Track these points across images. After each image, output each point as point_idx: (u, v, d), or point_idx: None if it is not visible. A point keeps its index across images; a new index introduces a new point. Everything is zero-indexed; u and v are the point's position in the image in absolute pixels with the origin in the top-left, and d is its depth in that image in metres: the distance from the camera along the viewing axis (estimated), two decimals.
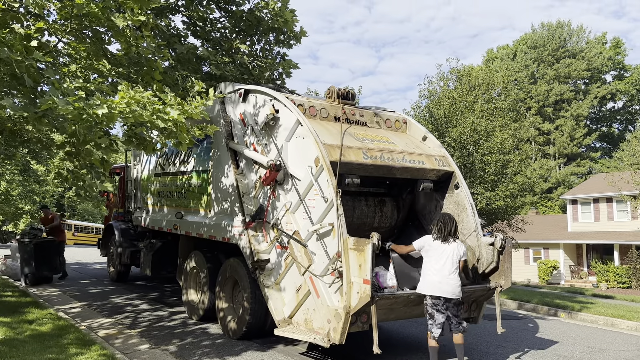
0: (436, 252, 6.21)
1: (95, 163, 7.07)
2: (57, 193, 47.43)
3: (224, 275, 8.13)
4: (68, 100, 5.26)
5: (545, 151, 54.15)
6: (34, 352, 6.50)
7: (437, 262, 6.17)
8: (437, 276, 6.12)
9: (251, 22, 10.03)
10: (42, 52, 6.17)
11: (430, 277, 6.17)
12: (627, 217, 30.85)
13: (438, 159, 7.69)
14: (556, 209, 49.19)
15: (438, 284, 6.11)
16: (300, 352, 7.19)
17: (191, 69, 9.25)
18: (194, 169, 9.39)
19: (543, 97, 53.31)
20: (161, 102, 5.95)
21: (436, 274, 6.13)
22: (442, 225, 6.29)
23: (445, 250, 6.21)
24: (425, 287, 6.19)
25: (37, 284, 13.16)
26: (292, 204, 6.80)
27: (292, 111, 6.92)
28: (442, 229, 6.27)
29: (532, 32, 57.35)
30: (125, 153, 14.08)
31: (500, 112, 20.76)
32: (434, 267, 6.16)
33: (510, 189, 19.25)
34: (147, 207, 11.81)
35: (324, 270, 6.15)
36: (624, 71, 56.90)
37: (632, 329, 10.45)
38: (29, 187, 33.19)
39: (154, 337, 7.88)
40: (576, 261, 33.93)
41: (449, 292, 6.13)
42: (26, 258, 13.12)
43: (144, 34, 6.99)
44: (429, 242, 6.30)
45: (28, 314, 8.88)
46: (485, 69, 25.12)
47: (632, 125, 57.62)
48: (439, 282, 6.10)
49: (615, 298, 17.71)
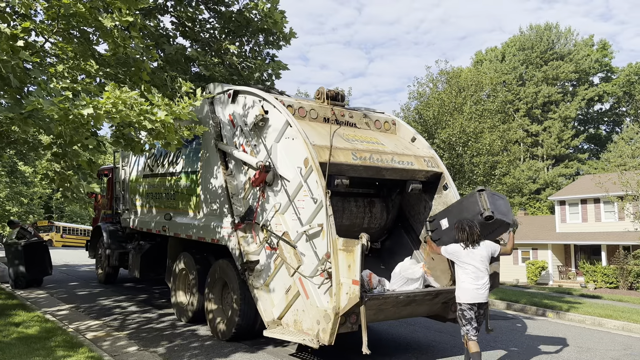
0: (468, 259, 6.23)
1: (82, 164, 7.01)
2: (45, 195, 47.00)
3: (213, 277, 8.10)
4: (53, 101, 5.21)
5: (534, 152, 54.53)
6: (20, 354, 6.43)
7: (472, 270, 6.20)
8: (473, 284, 6.18)
9: (240, 23, 10.02)
10: (29, 52, 6.12)
11: (466, 284, 6.21)
12: (614, 218, 31.13)
13: (427, 160, 7.72)
14: (544, 209, 49.55)
15: (475, 291, 6.17)
16: (290, 353, 7.18)
17: (180, 69, 9.23)
18: (182, 170, 9.35)
19: (531, 99, 53.71)
20: (148, 103, 5.91)
21: (472, 282, 6.19)
22: (468, 234, 6.26)
23: (475, 256, 6.24)
24: (463, 295, 6.24)
25: (27, 286, 12.92)
26: (281, 205, 6.79)
27: (281, 112, 6.92)
28: (468, 237, 6.26)
29: (520, 34, 57.79)
30: (114, 154, 14.00)
31: (489, 113, 20.92)
32: (469, 276, 6.20)
33: (499, 190, 19.37)
34: (135, 209, 11.73)
35: (313, 271, 6.15)
36: (611, 73, 57.51)
37: (619, 329, 10.55)
38: (16, 189, 32.84)
39: (142, 339, 7.83)
40: (564, 262, 34.19)
41: (484, 296, 6.24)
42: (15, 260, 12.88)
43: (132, 35, 6.95)
44: (459, 251, 6.31)
45: (15, 317, 8.78)
46: (474, 71, 25.32)
47: (619, 126, 58.24)
48: (477, 289, 6.18)
49: (603, 298, 17.87)
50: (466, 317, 6.22)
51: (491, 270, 6.52)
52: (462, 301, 6.24)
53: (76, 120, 5.36)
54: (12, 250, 12.88)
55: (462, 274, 6.27)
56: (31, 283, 13.11)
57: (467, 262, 6.23)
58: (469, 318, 6.21)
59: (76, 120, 5.36)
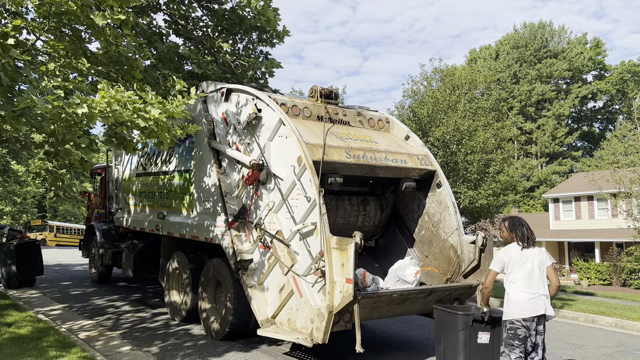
0: (520, 262, 5.06)
1: (74, 163, 6.97)
2: (39, 194, 46.77)
3: (206, 276, 8.08)
4: (47, 99, 5.17)
5: (528, 150, 54.74)
6: (12, 355, 6.39)
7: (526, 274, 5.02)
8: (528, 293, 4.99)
9: (233, 21, 9.98)
10: (20, 51, 6.07)
11: (518, 295, 5.01)
12: (607, 215, 31.28)
13: (420, 158, 7.72)
14: (538, 207, 49.78)
15: (530, 301, 4.97)
16: (284, 352, 7.17)
17: (173, 67, 9.18)
18: (176, 168, 9.31)
19: (525, 97, 53.91)
20: (142, 101, 5.88)
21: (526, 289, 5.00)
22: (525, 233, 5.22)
23: (530, 257, 5.09)
24: (513, 309, 5.03)
25: (20, 286, 12.85)
26: (275, 203, 6.77)
27: (274, 110, 6.90)
28: (524, 237, 5.20)
29: (514, 32, 57.97)
30: (107, 153, 13.92)
31: (483, 111, 20.94)
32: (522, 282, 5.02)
33: (493, 188, 19.42)
34: (128, 208, 11.68)
35: (307, 269, 6.14)
36: (604, 71, 57.78)
37: (612, 325, 10.60)
38: (9, 188, 32.69)
39: (135, 339, 7.80)
40: (558, 259, 34.35)
41: (543, 308, 5.00)
42: (7, 260, 12.79)
43: (124, 33, 6.90)
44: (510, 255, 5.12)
45: (7, 317, 8.73)
46: (468, 69, 25.32)
47: (612, 124, 58.56)
48: (532, 299, 4.97)
49: (596, 295, 17.97)
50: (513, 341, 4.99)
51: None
52: (515, 317, 5.01)
53: (69, 119, 5.33)
54: (4, 250, 12.83)
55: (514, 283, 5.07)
56: (24, 283, 13.01)
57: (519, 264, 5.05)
58: (520, 338, 4.98)
59: (69, 119, 5.33)
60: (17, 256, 12.69)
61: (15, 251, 12.66)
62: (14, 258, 12.69)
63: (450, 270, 7.28)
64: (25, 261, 12.88)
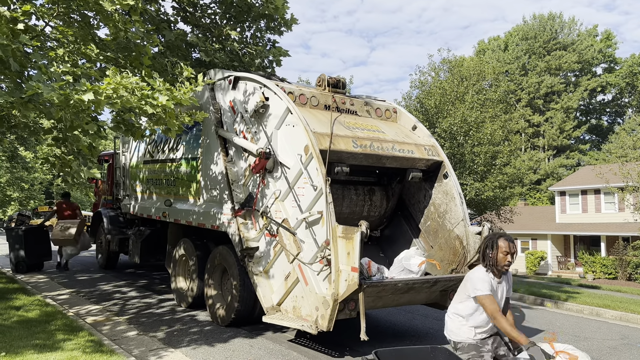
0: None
1: (82, 149, 7.02)
2: (46, 180, 47.03)
3: (212, 263, 8.13)
4: (54, 86, 5.19)
5: (535, 143, 54.44)
6: (20, 338, 6.47)
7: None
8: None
9: (241, 9, 9.95)
10: (29, 36, 6.09)
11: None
12: (614, 209, 31.16)
13: (427, 148, 7.71)
14: (545, 200, 49.59)
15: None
16: (289, 339, 7.22)
17: (180, 55, 9.18)
18: (183, 156, 9.34)
19: (534, 89, 53.50)
20: (150, 88, 5.89)
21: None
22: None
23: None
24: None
25: (28, 271, 12.95)
26: (281, 192, 6.79)
27: (282, 99, 6.89)
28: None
29: (523, 24, 57.39)
30: (114, 140, 13.98)
31: (491, 103, 20.82)
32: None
33: (500, 180, 19.35)
34: (135, 195, 11.75)
35: (312, 258, 6.17)
36: (614, 64, 57.16)
37: (616, 319, 10.60)
38: (17, 174, 32.86)
39: (142, 324, 7.87)
40: (564, 252, 34.28)
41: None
42: (15, 245, 12.92)
43: (133, 19, 6.91)
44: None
45: (15, 300, 8.83)
46: (477, 60, 25.10)
47: (621, 117, 58.10)
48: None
49: (601, 288, 17.94)
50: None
51: None
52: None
53: (77, 106, 5.35)
54: (13, 234, 12.96)
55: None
56: (32, 268, 13.12)
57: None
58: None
59: (77, 106, 5.35)
60: (25, 241, 12.74)
61: (23, 236, 12.73)
62: (23, 243, 12.75)
63: (455, 261, 7.29)
64: (33, 246, 12.93)
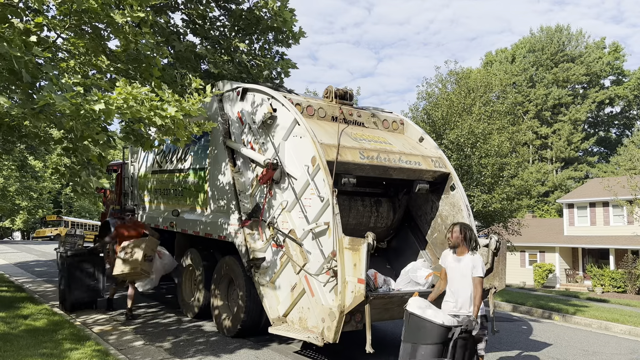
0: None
1: (92, 159, 7.08)
2: (55, 190, 47.38)
3: (219, 273, 8.14)
4: (65, 97, 5.26)
5: (543, 155, 54.26)
6: (28, 346, 6.50)
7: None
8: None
9: (250, 21, 10.05)
10: (41, 48, 6.18)
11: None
12: (623, 222, 30.92)
13: (434, 160, 7.72)
14: (553, 212, 49.30)
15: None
16: (295, 350, 7.21)
17: (190, 67, 9.26)
18: (191, 166, 9.40)
19: (541, 101, 53.41)
20: (159, 99, 5.96)
21: None
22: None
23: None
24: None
25: (73, 309, 9.48)
26: (288, 202, 6.81)
27: (289, 110, 6.94)
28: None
29: (531, 36, 57.46)
30: (123, 150, 14.06)
31: (498, 115, 20.78)
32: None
33: (507, 192, 19.26)
34: (143, 205, 11.81)
35: (319, 269, 6.17)
36: (622, 76, 57.02)
37: (625, 333, 10.49)
38: (26, 183, 33.12)
39: (148, 334, 7.89)
40: (572, 265, 34.01)
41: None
42: (60, 275, 9.84)
43: (143, 31, 6.99)
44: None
45: (23, 309, 8.88)
46: (484, 72, 25.15)
47: (629, 130, 57.81)
48: None
49: (610, 302, 17.78)
50: None
51: None
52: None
53: (87, 116, 5.41)
54: (59, 262, 9.95)
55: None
56: (77, 306, 9.57)
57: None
58: None
59: (87, 116, 5.41)
60: (69, 270, 9.40)
61: (66, 264, 9.47)
62: (66, 272, 9.43)
63: None
64: (79, 277, 9.52)
